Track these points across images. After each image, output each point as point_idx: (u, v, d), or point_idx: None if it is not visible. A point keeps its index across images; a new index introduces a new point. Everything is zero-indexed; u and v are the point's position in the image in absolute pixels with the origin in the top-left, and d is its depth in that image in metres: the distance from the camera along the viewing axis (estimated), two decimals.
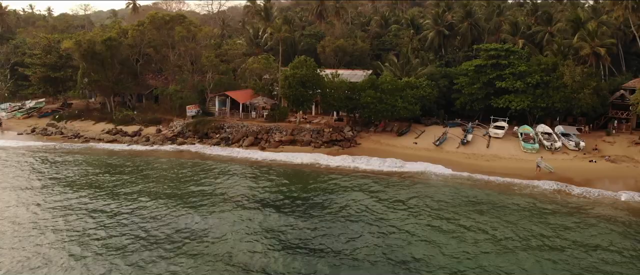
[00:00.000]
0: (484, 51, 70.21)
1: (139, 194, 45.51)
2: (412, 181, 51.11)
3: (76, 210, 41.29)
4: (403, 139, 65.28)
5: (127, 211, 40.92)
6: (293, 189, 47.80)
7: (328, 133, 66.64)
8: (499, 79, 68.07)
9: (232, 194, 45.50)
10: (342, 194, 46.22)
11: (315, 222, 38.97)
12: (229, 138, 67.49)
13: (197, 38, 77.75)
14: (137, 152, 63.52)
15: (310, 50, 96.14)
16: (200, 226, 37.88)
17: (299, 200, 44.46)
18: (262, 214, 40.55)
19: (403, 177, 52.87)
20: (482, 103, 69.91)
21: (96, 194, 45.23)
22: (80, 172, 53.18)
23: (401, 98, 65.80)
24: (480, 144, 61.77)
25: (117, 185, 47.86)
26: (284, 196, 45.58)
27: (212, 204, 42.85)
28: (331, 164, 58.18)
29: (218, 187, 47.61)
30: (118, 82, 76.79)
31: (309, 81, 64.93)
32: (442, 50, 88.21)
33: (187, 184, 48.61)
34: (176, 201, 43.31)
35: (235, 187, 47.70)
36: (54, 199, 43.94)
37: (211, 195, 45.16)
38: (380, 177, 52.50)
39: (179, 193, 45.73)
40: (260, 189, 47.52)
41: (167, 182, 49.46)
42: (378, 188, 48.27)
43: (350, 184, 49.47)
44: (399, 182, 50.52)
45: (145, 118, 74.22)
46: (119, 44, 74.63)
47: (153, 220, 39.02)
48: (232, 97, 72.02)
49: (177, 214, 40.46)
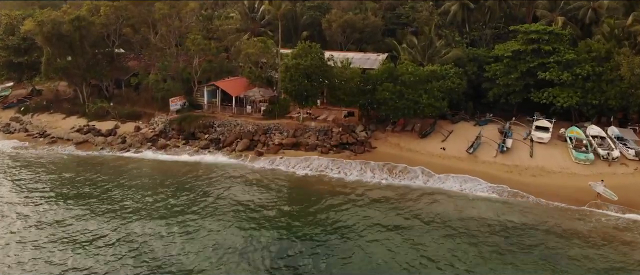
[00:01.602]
0: (523, 34, 58.68)
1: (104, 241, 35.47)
2: (448, 206, 41.47)
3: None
4: (427, 142, 54.74)
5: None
6: (297, 225, 37.76)
7: (337, 134, 56.12)
8: (542, 69, 56.90)
9: (221, 244, 35.41)
10: (362, 231, 36.80)
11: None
12: (219, 140, 56.94)
13: (181, 15, 66.11)
14: (110, 160, 53.21)
15: (314, 25, 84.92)
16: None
17: (307, 241, 34.96)
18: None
19: (435, 198, 43.00)
20: (519, 96, 58.95)
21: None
22: (28, 199, 42.49)
23: (425, 92, 54.86)
24: (521, 152, 51.21)
25: (75, 235, 37.38)
26: (287, 236, 35.77)
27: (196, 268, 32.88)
28: (344, 176, 48.20)
29: (202, 227, 37.46)
30: (90, 68, 65.57)
31: (315, 73, 53.86)
32: (466, 26, 76.44)
33: (164, 218, 38.49)
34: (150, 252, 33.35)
35: (226, 229, 37.43)
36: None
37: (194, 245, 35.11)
38: (406, 198, 42.94)
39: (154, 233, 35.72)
40: (258, 230, 37.35)
41: (141, 213, 39.27)
42: (407, 218, 38.97)
43: (371, 211, 40.28)
44: (431, 207, 40.96)
45: (122, 111, 63.44)
46: (89, 24, 63.04)
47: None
48: (223, 88, 61.03)
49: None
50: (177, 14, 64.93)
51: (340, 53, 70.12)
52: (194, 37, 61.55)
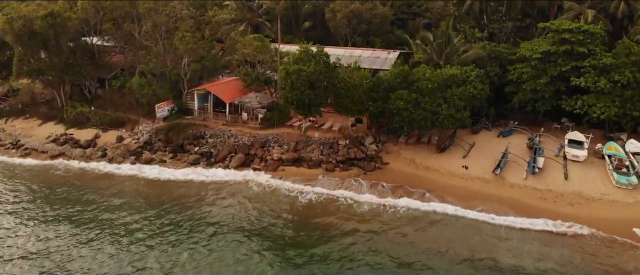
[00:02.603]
0: (554, 33, 51.83)
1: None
2: (492, 247, 35.93)
3: None
4: (446, 158, 48.45)
5: None
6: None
7: (344, 147, 49.87)
8: (576, 73, 50.27)
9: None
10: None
11: None
12: (211, 153, 50.68)
13: (169, 7, 59.17)
14: (87, 178, 47.19)
15: (316, 15, 77.71)
16: None
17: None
18: None
19: (469, 241, 37.12)
20: (548, 103, 52.42)
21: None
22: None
23: (445, 101, 48.37)
24: (554, 173, 44.92)
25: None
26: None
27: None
28: (354, 203, 42.17)
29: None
30: (68, 68, 58.79)
31: (320, 79, 47.23)
32: (483, 18, 69.43)
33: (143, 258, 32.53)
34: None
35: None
36: None
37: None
38: (430, 235, 37.56)
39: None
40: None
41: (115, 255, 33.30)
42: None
43: (394, 252, 34.96)
44: (468, 252, 35.24)
45: (104, 118, 56.92)
46: (65, 20, 56.05)
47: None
48: (215, 94, 54.42)
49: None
50: (163, 8, 57.98)
51: (346, 50, 63.51)
52: (182, 34, 54.69)
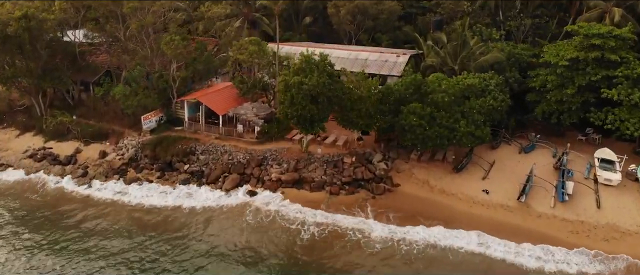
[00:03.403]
0: (583, 37, 46.59)
1: None
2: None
3: None
4: (464, 179, 43.63)
5: None
6: None
7: (350, 166, 45.02)
8: (608, 84, 45.24)
9: None
10: None
11: None
12: (202, 173, 45.84)
13: (156, 6, 53.76)
14: (63, 202, 42.55)
15: (318, 9, 72.42)
16: None
17: None
18: None
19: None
20: (575, 115, 47.49)
21: None
22: None
23: (463, 115, 43.38)
24: (585, 200, 40.14)
25: None
26: None
27: None
28: (363, 237, 37.55)
29: None
30: (46, 74, 53.53)
31: (323, 93, 42.11)
32: (499, 14, 64.09)
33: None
34: None
35: None
36: None
37: None
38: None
39: None
40: None
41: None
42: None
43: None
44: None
45: (86, 129, 51.91)
46: (41, 22, 50.67)
47: None
48: (207, 105, 49.29)
49: None
50: (150, 7, 52.57)
51: (351, 52, 58.32)
52: (170, 38, 49.35)
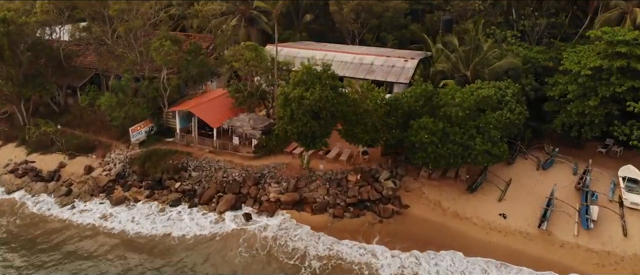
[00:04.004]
0: (607, 44, 42.80)
1: None
2: None
3: None
4: (479, 200, 40.16)
5: None
6: None
7: (355, 185, 41.56)
8: (633, 96, 41.59)
9: None
10: None
11: None
12: (195, 192, 42.37)
13: (145, 7, 49.94)
14: (40, 227, 39.18)
15: (319, 6, 68.58)
16: None
17: None
18: None
19: None
20: (597, 129, 43.91)
21: None
22: None
23: (478, 131, 39.76)
24: (610, 226, 36.67)
25: None
26: None
27: None
28: (376, 266, 34.40)
29: None
30: (28, 81, 49.87)
31: (326, 108, 38.41)
32: (512, 13, 60.17)
33: None
34: None
35: None
36: None
37: None
38: None
39: None
40: None
41: None
42: None
43: None
44: None
45: (71, 140, 48.37)
46: (21, 26, 46.88)
47: None
48: (200, 117, 45.66)
49: None
50: (138, 8, 48.76)
51: (355, 55, 54.53)
52: (159, 43, 45.57)
